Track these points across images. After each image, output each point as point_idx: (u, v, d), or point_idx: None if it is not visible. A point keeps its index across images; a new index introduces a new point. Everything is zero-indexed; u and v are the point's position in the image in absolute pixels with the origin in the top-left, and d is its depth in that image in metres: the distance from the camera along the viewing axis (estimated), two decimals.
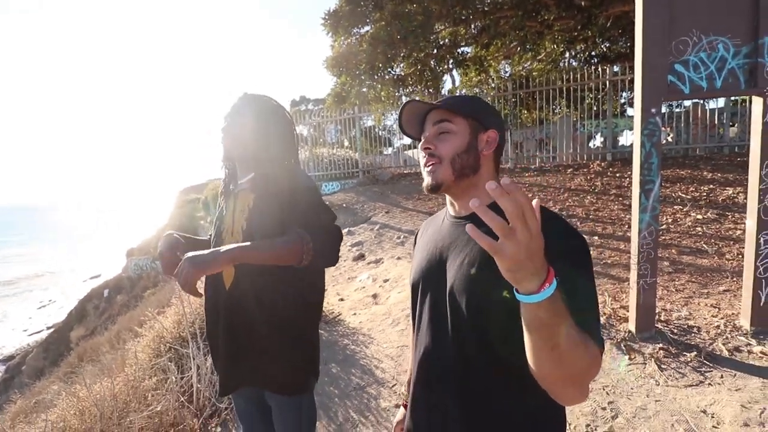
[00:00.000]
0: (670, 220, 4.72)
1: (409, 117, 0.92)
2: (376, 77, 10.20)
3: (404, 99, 12.50)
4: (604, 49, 10.87)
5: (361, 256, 5.24)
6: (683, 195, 5.33)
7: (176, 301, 3.80)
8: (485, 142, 0.87)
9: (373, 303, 3.97)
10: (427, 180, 0.87)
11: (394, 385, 2.62)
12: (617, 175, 6.46)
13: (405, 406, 1.08)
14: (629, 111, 11.01)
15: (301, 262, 1.10)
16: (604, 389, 2.28)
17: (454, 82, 13.91)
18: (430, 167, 0.86)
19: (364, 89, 10.48)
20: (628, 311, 2.87)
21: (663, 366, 2.39)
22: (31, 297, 24.91)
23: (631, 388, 2.26)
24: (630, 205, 5.14)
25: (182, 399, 2.50)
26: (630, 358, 2.49)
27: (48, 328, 17.37)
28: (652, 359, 2.44)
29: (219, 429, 2.40)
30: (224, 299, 1.24)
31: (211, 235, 1.42)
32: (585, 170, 6.97)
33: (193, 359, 2.56)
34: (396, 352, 2.99)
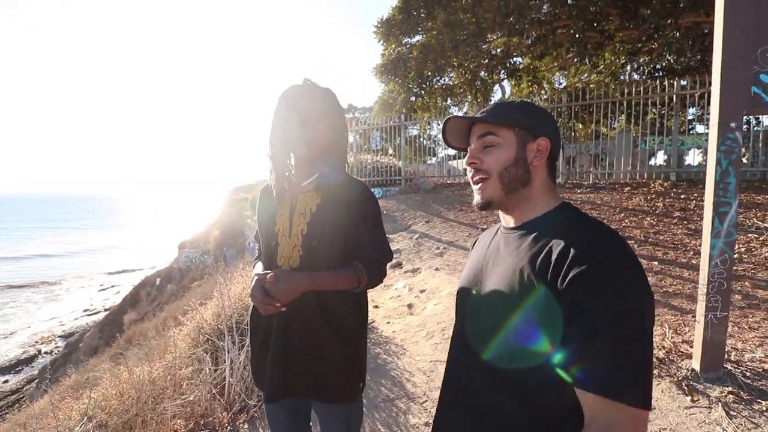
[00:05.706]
0: (743, 250, 4.25)
1: (454, 131, 0.89)
2: (424, 86, 10.17)
3: (452, 109, 12.39)
4: (671, 62, 10.16)
5: (399, 265, 5.16)
6: (759, 222, 4.79)
7: (217, 294, 3.91)
8: (535, 151, 0.81)
9: (408, 313, 3.88)
10: (476, 197, 0.84)
11: (425, 401, 2.50)
12: (682, 196, 5.95)
13: None
14: (698, 128, 10.20)
15: (357, 288, 1.18)
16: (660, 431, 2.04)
17: (504, 92, 13.60)
18: (479, 184, 0.83)
19: (412, 98, 10.48)
20: (691, 347, 2.57)
21: (732, 413, 2.10)
22: (93, 280, 27.02)
23: None
24: (696, 230, 4.69)
25: (214, 391, 2.53)
26: (692, 400, 2.22)
27: (105, 310, 18.71)
28: (719, 404, 2.16)
29: (246, 426, 2.40)
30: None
31: (256, 234, 1.39)
32: (644, 189, 6.48)
33: (228, 353, 2.59)
34: (429, 366, 2.88)
